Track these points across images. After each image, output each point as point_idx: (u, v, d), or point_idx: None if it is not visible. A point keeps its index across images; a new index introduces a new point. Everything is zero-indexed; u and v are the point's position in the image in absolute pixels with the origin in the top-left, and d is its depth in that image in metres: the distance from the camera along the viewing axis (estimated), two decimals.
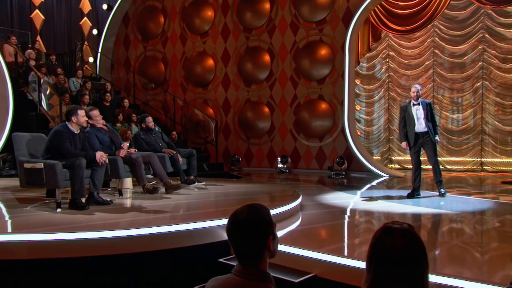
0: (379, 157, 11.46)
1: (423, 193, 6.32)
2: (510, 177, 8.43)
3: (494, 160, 10.17)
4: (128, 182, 5.92)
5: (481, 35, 10.05)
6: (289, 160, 10.48)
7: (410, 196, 6.17)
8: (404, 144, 6.21)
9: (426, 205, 5.72)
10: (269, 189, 6.64)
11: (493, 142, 10.22)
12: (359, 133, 11.55)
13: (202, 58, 11.43)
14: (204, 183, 6.39)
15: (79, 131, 4.63)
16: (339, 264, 3.18)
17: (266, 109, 10.95)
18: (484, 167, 10.21)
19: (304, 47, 10.45)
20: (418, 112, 6.11)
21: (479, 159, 10.30)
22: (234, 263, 3.76)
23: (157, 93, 11.86)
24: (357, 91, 11.46)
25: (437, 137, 6.15)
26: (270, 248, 1.54)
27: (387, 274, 1.25)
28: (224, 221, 3.99)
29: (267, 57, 10.82)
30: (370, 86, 11.47)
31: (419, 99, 6.15)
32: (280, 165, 10.43)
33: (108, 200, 4.71)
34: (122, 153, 5.14)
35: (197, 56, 11.51)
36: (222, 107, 11.40)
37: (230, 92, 11.32)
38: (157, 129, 6.54)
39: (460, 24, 10.25)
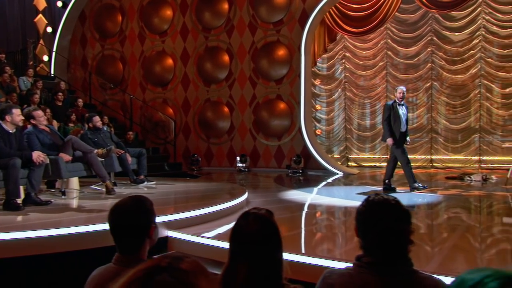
0: (339, 156, 11.71)
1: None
2: (455, 173, 8.84)
3: (443, 157, 10.61)
4: (74, 182, 5.80)
5: (429, 37, 10.48)
6: (248, 159, 10.56)
7: (416, 188, 6.37)
8: (389, 140, 6.36)
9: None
10: (218, 187, 6.68)
11: (442, 140, 10.66)
12: (319, 132, 11.77)
13: (161, 57, 11.33)
14: (154, 182, 6.35)
15: (15, 130, 4.50)
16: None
17: (226, 109, 10.98)
18: (433, 164, 10.64)
19: (262, 47, 10.56)
20: (403, 113, 6.39)
21: (429, 156, 10.73)
22: None
23: (115, 92, 11.65)
24: (317, 91, 11.68)
25: (408, 138, 6.55)
26: (151, 237, 1.59)
27: (242, 252, 1.35)
28: (160, 219, 4.02)
29: (226, 57, 10.86)
30: (329, 86, 11.70)
31: (402, 100, 6.46)
32: (239, 164, 10.49)
33: (47, 200, 4.60)
34: (66, 158, 5.04)
35: (156, 56, 11.39)
36: (182, 107, 11.34)
37: (189, 92, 11.27)
38: (105, 128, 6.45)
39: (411, 27, 10.64)
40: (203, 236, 3.97)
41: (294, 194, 6.97)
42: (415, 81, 10.83)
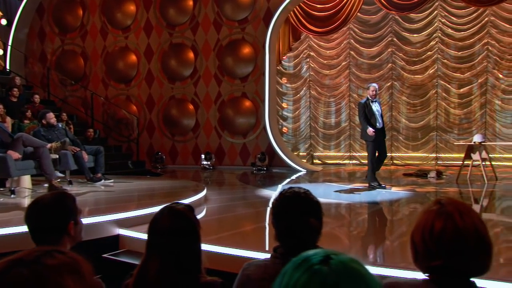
0: (305, 153, 11.86)
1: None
2: (412, 170, 9.16)
3: (402, 154, 10.97)
4: (25, 181, 5.59)
5: (390, 38, 10.79)
6: (213, 156, 10.53)
7: (373, 188, 6.48)
8: (370, 130, 6.40)
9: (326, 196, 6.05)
10: (177, 184, 6.63)
11: (402, 138, 11.01)
12: (285, 130, 11.89)
13: (124, 53, 11.09)
14: (112, 180, 6.22)
15: None
16: (216, 253, 3.28)
17: (191, 106, 10.89)
18: (394, 161, 10.98)
19: (227, 45, 10.54)
20: (377, 109, 6.50)
21: (389, 154, 11.04)
22: (120, 259, 3.74)
23: (76, 89, 11.31)
24: (284, 90, 11.77)
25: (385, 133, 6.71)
26: (70, 233, 1.57)
27: (155, 246, 1.37)
28: (111, 217, 3.96)
29: (191, 54, 10.76)
30: (295, 85, 11.82)
31: (375, 97, 6.57)
32: (204, 162, 10.44)
33: None
34: (15, 156, 4.85)
35: (119, 51, 11.14)
36: (146, 104, 11.15)
37: (154, 89, 11.10)
38: (60, 125, 6.25)
39: (372, 28, 10.92)
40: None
41: (257, 191, 7.04)
42: (377, 81, 11.09)
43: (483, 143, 7.40)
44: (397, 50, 10.81)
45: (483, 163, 7.31)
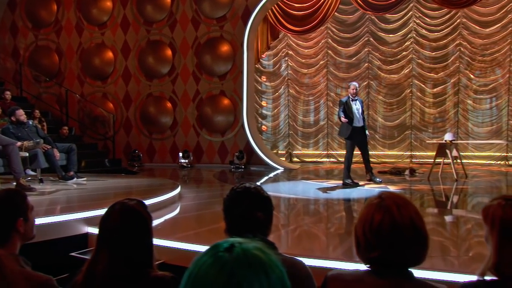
0: (284, 151, 11.93)
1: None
2: (387, 168, 9.34)
3: (378, 152, 11.16)
4: None
5: (367, 38, 10.95)
6: (191, 155, 10.48)
7: (346, 184, 6.60)
8: (343, 118, 6.49)
9: (293, 191, 6.13)
10: (151, 182, 6.59)
11: (378, 136, 11.20)
12: (265, 129, 11.92)
13: (100, 50, 10.92)
14: (84, 178, 6.13)
15: None
16: (185, 250, 3.29)
17: (169, 104, 10.82)
18: (370, 159, 11.13)
19: (205, 43, 10.50)
20: (356, 108, 6.55)
21: None
22: (87, 257, 3.70)
23: (51, 85, 11.07)
24: (263, 88, 11.80)
25: (367, 132, 6.77)
26: (19, 230, 1.55)
27: (105, 240, 1.38)
28: (80, 215, 3.91)
29: (169, 52, 10.68)
30: (274, 83, 11.87)
31: (356, 95, 6.64)
32: (182, 160, 10.39)
33: None
34: None
35: (95, 48, 10.96)
36: (123, 101, 11.01)
37: (131, 86, 10.97)
38: (31, 122, 6.12)
39: (349, 28, 11.07)
40: None
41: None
42: (354, 80, 11.24)
43: (453, 142, 7.60)
44: (373, 50, 10.98)
45: (454, 161, 7.51)
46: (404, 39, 10.70)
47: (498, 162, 10.12)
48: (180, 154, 10.44)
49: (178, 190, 5.39)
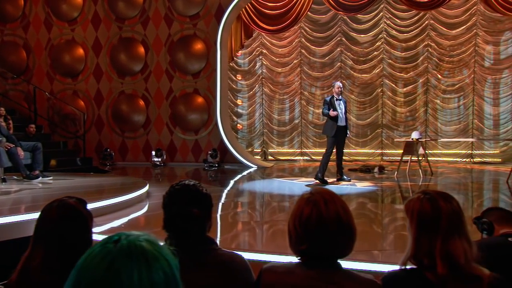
0: (259, 150, 11.97)
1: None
2: (358, 165, 9.54)
3: (351, 150, 11.37)
4: None
5: (339, 38, 11.13)
6: (164, 153, 10.42)
7: (319, 179, 6.72)
8: (331, 112, 6.57)
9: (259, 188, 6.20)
10: (119, 181, 6.53)
11: (351, 135, 11.36)
12: (240, 127, 11.93)
13: (70, 46, 10.70)
14: (51, 178, 6.02)
15: None
16: None
17: (141, 102, 10.71)
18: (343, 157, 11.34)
19: (178, 40, 10.44)
20: (341, 107, 6.64)
21: None
22: None
23: (18, 82, 10.77)
24: (239, 87, 11.78)
25: (348, 132, 6.90)
26: None
27: (41, 236, 1.41)
28: (36, 215, 3.85)
29: (141, 49, 10.56)
30: (249, 82, 11.89)
31: (340, 95, 6.72)
32: (155, 159, 10.32)
33: None
34: None
35: (65, 44, 10.73)
36: (94, 99, 10.83)
37: (102, 84, 10.79)
38: None
39: (322, 27, 11.22)
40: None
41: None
42: (328, 79, 11.42)
43: (419, 140, 7.84)
44: (346, 50, 11.17)
45: (420, 158, 7.76)
46: (375, 40, 10.93)
47: (464, 160, 10.50)
48: (153, 153, 10.36)
49: (146, 188, 5.38)
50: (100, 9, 10.61)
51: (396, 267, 1.38)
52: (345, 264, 1.38)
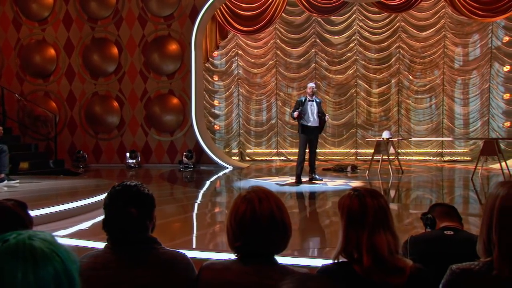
0: (237, 150, 11.97)
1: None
2: (331, 165, 9.70)
3: (325, 150, 11.54)
4: None
5: (313, 39, 11.28)
6: (139, 155, 10.33)
7: (298, 183, 6.79)
8: (295, 113, 6.75)
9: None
10: (87, 183, 6.47)
11: (325, 135, 11.54)
12: (217, 128, 11.89)
13: (41, 46, 10.48)
14: (17, 181, 5.90)
15: None
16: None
17: (115, 103, 10.59)
18: (318, 157, 11.48)
19: (153, 41, 10.37)
20: (312, 108, 6.72)
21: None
22: None
23: None
24: (215, 88, 11.75)
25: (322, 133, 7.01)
26: None
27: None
28: None
29: (114, 50, 10.44)
30: (225, 82, 11.88)
31: (314, 96, 6.77)
32: (129, 161, 10.22)
33: None
34: None
35: (36, 45, 10.51)
36: (67, 101, 10.64)
37: (75, 85, 10.62)
38: None
39: (297, 29, 11.34)
40: (56, 235, 3.87)
41: (175, 188, 7.06)
42: (304, 79, 11.53)
43: (390, 139, 8.03)
44: (320, 51, 11.32)
45: (391, 157, 7.95)
46: (349, 41, 11.13)
47: (435, 158, 10.80)
48: (128, 154, 10.25)
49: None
50: (71, 9, 10.44)
51: (330, 261, 1.45)
52: (293, 260, 1.43)
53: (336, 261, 1.42)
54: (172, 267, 1.49)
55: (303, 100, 6.91)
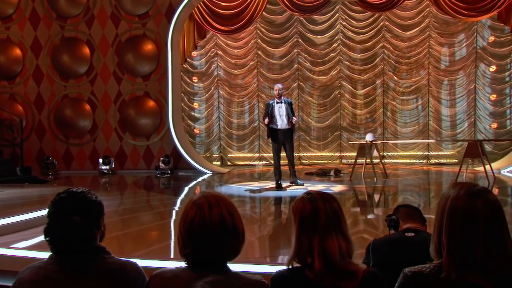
0: (217, 155, 11.93)
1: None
2: (315, 169, 9.77)
3: (309, 154, 11.63)
4: None
5: (295, 39, 11.38)
6: (112, 160, 10.23)
7: (279, 187, 6.86)
8: (267, 120, 6.88)
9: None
10: (50, 192, 6.37)
11: (308, 138, 11.65)
12: (197, 131, 11.81)
13: (6, 46, 10.31)
14: None
15: None
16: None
17: (87, 106, 10.48)
18: (302, 161, 11.59)
19: (127, 41, 10.32)
20: (281, 110, 6.76)
21: (297, 154, 11.63)
22: None
23: None
24: (195, 90, 11.69)
25: (293, 135, 7.05)
26: None
27: None
28: None
29: (86, 50, 10.35)
30: (204, 84, 11.84)
31: (282, 97, 6.80)
32: (102, 167, 10.10)
33: None
34: None
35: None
36: (34, 104, 10.48)
37: (43, 87, 10.47)
38: None
39: (278, 28, 11.43)
40: (13, 247, 3.81)
41: (150, 195, 7.02)
42: (286, 80, 11.59)
43: (373, 142, 8.15)
44: (303, 51, 11.42)
45: (375, 161, 8.07)
46: (332, 41, 11.26)
47: (421, 161, 10.99)
48: (101, 160, 10.14)
49: None
50: (38, 6, 10.30)
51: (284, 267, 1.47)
52: (249, 267, 1.45)
53: (290, 266, 1.45)
54: (121, 277, 1.49)
55: (271, 103, 6.99)
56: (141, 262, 2.55)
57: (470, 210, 1.22)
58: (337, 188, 7.19)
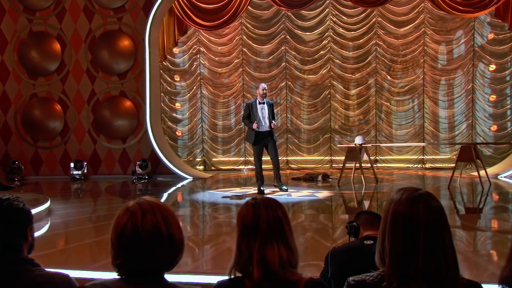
0: (200, 158, 11.86)
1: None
2: (301, 174, 9.80)
3: (298, 158, 11.66)
4: None
5: (283, 36, 11.41)
6: (85, 165, 10.16)
7: (261, 192, 6.91)
8: (254, 125, 6.84)
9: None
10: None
11: (296, 140, 11.66)
12: (179, 134, 11.73)
13: None
14: None
15: None
16: None
17: (58, 107, 10.39)
18: (290, 165, 11.61)
19: (101, 36, 10.26)
20: (263, 111, 6.73)
21: (285, 158, 11.66)
22: None
23: None
24: (177, 89, 11.62)
25: (275, 137, 7.05)
26: None
27: None
28: None
29: (56, 45, 10.27)
30: (187, 82, 11.76)
31: (264, 98, 6.80)
32: (74, 172, 10.03)
33: None
34: None
35: None
36: None
37: (9, 85, 10.37)
38: None
39: (265, 24, 11.44)
40: None
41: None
42: (274, 79, 11.61)
43: (363, 145, 8.20)
44: (291, 49, 11.45)
45: (365, 165, 8.12)
46: (322, 38, 11.31)
47: (415, 166, 11.07)
48: (72, 165, 10.07)
49: (46, 205, 5.24)
50: None
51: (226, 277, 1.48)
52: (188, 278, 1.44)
53: (231, 276, 1.46)
54: None
55: (252, 103, 7.00)
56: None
57: (411, 215, 1.24)
58: (322, 194, 7.22)
